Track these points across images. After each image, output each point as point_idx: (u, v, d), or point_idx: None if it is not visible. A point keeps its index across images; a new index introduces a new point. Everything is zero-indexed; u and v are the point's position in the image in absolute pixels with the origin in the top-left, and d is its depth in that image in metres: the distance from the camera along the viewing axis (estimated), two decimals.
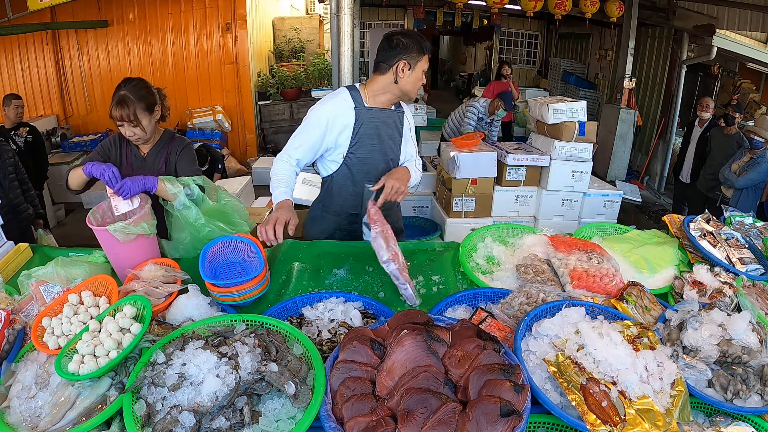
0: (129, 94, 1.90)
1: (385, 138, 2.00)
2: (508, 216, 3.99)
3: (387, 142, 2.01)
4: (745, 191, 4.12)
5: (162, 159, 2.10)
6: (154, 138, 2.10)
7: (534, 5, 6.55)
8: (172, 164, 2.10)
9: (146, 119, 1.96)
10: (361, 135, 1.96)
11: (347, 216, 2.12)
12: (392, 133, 2.03)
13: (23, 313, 1.47)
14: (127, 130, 1.94)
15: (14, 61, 6.84)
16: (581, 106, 3.85)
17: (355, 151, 1.98)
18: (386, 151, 2.03)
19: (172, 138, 2.16)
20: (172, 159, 2.11)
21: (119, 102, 1.89)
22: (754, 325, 1.37)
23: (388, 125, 2.01)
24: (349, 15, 3.88)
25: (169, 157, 2.10)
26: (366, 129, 1.95)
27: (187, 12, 6.90)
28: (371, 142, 1.98)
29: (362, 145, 1.97)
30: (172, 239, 1.91)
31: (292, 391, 1.08)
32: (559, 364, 1.18)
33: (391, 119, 2.02)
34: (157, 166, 2.09)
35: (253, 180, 5.35)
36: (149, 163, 2.09)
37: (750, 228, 2.13)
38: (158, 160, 2.10)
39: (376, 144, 1.99)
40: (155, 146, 2.10)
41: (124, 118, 1.90)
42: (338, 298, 1.58)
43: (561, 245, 1.81)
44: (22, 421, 1.14)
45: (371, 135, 1.97)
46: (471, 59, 14.70)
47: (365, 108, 1.95)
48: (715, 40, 5.91)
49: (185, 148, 2.14)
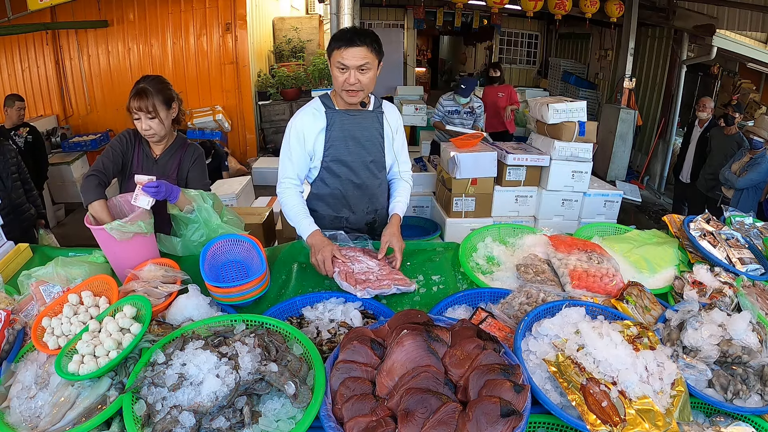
0: (148, 86, 1.93)
1: (362, 139, 1.96)
2: (508, 216, 3.98)
3: (365, 143, 1.97)
4: (746, 191, 4.12)
5: (175, 164, 2.08)
6: (168, 140, 2.09)
7: (534, 5, 6.55)
8: (185, 171, 2.09)
9: (164, 112, 1.97)
10: (333, 138, 1.92)
11: (330, 219, 2.09)
12: (371, 134, 1.98)
13: (23, 313, 1.47)
14: (144, 122, 1.95)
15: (14, 61, 6.84)
16: (581, 106, 3.84)
17: (330, 153, 1.95)
18: (365, 152, 1.98)
19: (185, 144, 2.14)
20: (185, 166, 2.09)
21: (138, 93, 1.91)
22: (754, 325, 1.37)
23: (365, 127, 1.96)
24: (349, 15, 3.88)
25: (182, 164, 2.09)
26: (338, 131, 1.92)
27: (187, 12, 6.89)
28: (345, 144, 1.94)
29: (336, 147, 1.94)
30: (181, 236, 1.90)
31: (292, 391, 1.08)
32: (559, 364, 1.18)
33: (367, 120, 1.96)
34: (169, 170, 2.07)
35: (253, 180, 5.35)
36: (161, 165, 2.07)
37: (750, 228, 2.13)
38: (170, 164, 2.08)
39: (351, 146, 1.95)
40: (168, 149, 2.09)
41: (142, 109, 1.91)
42: (338, 299, 1.58)
43: (561, 245, 1.81)
44: (22, 421, 1.14)
45: (345, 137, 1.93)
46: (471, 59, 14.70)
47: (336, 111, 1.93)
48: (715, 40, 5.92)
49: (199, 158, 2.13)
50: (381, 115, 2.00)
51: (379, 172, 2.05)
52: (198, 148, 2.16)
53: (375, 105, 2.00)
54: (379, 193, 2.10)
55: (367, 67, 1.79)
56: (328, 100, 1.95)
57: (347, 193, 2.03)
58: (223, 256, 1.76)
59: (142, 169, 2.04)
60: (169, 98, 2.00)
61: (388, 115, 2.02)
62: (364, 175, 2.01)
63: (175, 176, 2.07)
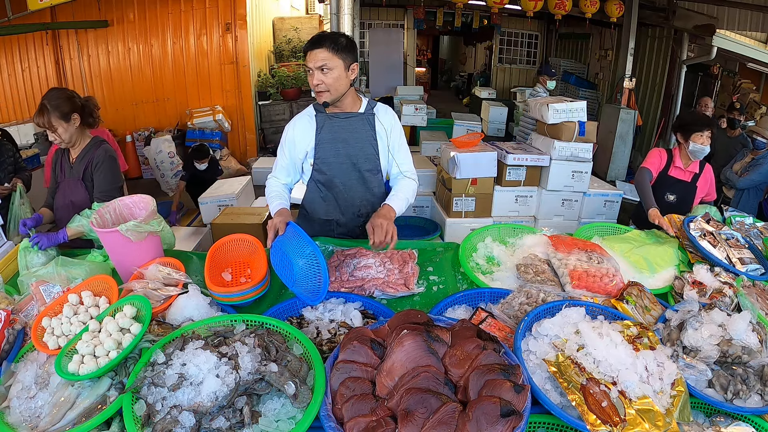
0: (47, 102, 2.07)
1: (351, 141, 1.96)
2: (508, 216, 3.98)
3: (354, 145, 1.97)
4: (747, 192, 4.11)
5: (83, 167, 2.19)
6: (80, 145, 2.22)
7: (534, 5, 6.55)
8: (89, 174, 2.19)
9: (62, 126, 2.10)
10: (322, 141, 1.95)
11: (321, 222, 2.10)
12: (362, 135, 1.98)
13: (23, 313, 1.47)
14: (50, 134, 2.13)
15: (14, 61, 6.84)
16: (581, 106, 3.84)
17: (320, 157, 1.97)
18: (356, 154, 1.98)
19: (95, 148, 2.23)
20: (89, 170, 2.19)
21: (37, 110, 2.09)
22: (754, 325, 1.37)
23: (354, 129, 1.97)
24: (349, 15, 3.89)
25: (87, 168, 2.19)
26: (327, 135, 1.95)
27: (187, 12, 6.90)
28: (335, 146, 1.95)
29: (325, 149, 1.96)
30: None
31: (292, 392, 1.08)
32: (559, 364, 1.18)
33: (357, 123, 1.97)
34: (79, 173, 2.19)
35: (253, 180, 5.34)
36: (75, 169, 2.22)
37: (750, 228, 2.13)
38: (80, 167, 2.20)
39: (340, 148, 1.96)
40: (80, 153, 2.22)
41: (40, 125, 2.09)
42: (338, 299, 1.58)
43: (561, 245, 1.81)
44: (22, 421, 1.14)
45: (334, 139, 1.95)
46: (471, 59, 14.71)
47: (325, 114, 1.95)
48: (715, 40, 5.92)
49: (103, 162, 2.19)
50: (372, 117, 2.00)
51: (373, 174, 2.04)
52: (106, 152, 2.23)
53: (367, 108, 2.00)
54: (371, 196, 2.08)
55: (327, 67, 1.83)
56: (319, 105, 1.97)
57: (337, 196, 2.04)
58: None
59: (64, 174, 2.24)
60: (67, 112, 2.10)
61: (381, 117, 2.02)
62: (354, 178, 2.01)
63: (81, 180, 2.20)
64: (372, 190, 2.06)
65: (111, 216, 1.81)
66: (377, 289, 1.66)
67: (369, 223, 1.79)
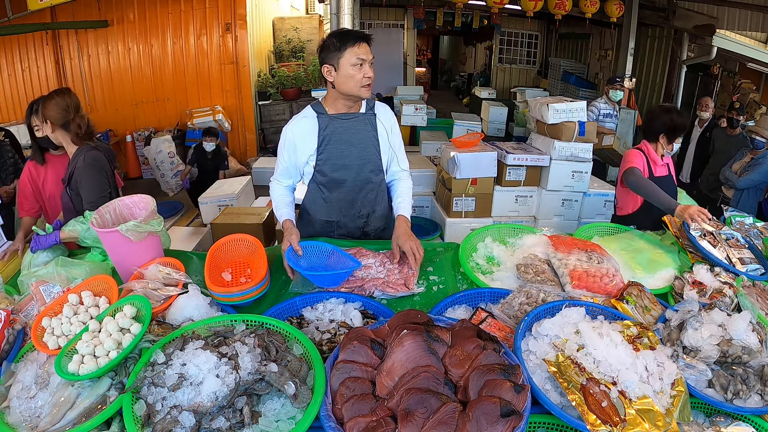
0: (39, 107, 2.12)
1: (355, 142, 1.96)
2: (508, 216, 3.98)
3: (358, 146, 1.96)
4: (746, 192, 4.11)
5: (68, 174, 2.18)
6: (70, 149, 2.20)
7: (534, 5, 6.56)
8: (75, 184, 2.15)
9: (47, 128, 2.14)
10: (326, 142, 1.94)
11: (321, 223, 2.09)
12: (365, 136, 1.97)
13: (23, 313, 1.47)
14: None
15: (14, 61, 6.84)
16: (581, 106, 3.84)
17: (323, 157, 1.95)
18: (358, 155, 1.97)
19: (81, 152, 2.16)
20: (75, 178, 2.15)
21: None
22: (754, 325, 1.37)
23: (358, 129, 1.96)
24: (349, 15, 3.89)
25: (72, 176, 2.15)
26: (330, 135, 1.93)
27: (187, 12, 6.90)
28: (338, 147, 1.94)
29: (328, 151, 1.94)
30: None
31: (292, 392, 1.08)
32: (559, 364, 1.18)
33: (360, 123, 1.97)
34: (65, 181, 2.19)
35: (253, 180, 5.34)
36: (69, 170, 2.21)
37: (750, 228, 2.13)
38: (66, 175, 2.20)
39: (344, 149, 1.95)
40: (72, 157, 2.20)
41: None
42: (338, 299, 1.58)
43: (561, 245, 1.81)
44: (22, 421, 1.14)
45: (337, 140, 1.94)
46: (471, 59, 14.72)
47: (327, 115, 1.94)
48: (715, 40, 5.92)
49: (84, 173, 2.11)
50: (374, 117, 2.00)
51: (375, 175, 2.03)
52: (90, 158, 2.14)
53: (367, 107, 2.00)
54: (373, 197, 2.07)
55: (372, 61, 1.86)
56: (319, 107, 1.96)
57: (338, 197, 2.03)
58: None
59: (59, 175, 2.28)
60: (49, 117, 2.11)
61: (381, 116, 2.02)
62: (356, 179, 2.00)
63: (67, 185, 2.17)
64: (374, 191, 2.06)
65: (111, 216, 1.81)
66: (377, 289, 1.66)
67: (398, 245, 1.83)
